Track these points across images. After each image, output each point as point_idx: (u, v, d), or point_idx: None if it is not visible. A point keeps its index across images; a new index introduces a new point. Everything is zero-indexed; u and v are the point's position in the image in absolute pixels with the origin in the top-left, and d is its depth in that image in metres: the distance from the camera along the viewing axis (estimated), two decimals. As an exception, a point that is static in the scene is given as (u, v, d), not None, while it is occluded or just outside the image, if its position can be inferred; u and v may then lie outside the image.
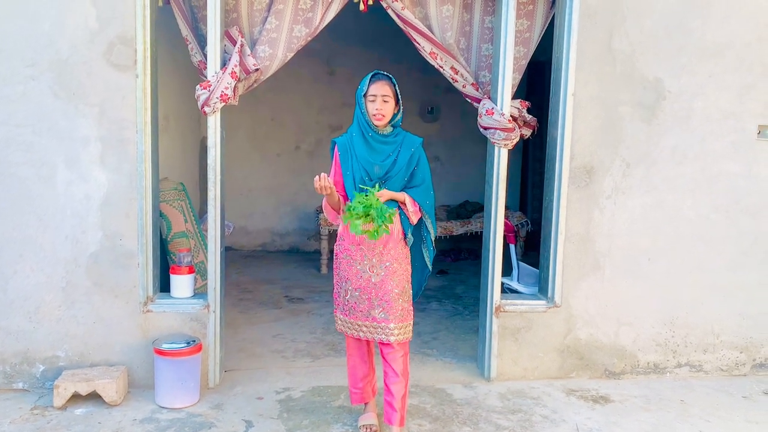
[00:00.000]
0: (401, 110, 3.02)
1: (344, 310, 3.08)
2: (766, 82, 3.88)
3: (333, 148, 3.09)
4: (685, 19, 3.78)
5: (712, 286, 4.00)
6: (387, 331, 2.97)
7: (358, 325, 3.04)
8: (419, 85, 7.38)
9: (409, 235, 3.05)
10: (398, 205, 2.99)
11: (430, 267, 3.21)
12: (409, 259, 3.09)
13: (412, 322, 3.06)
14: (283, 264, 7.15)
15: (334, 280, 3.13)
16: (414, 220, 3.01)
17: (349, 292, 3.04)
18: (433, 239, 3.15)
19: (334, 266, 3.12)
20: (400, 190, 3.00)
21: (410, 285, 3.08)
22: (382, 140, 2.98)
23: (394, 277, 2.97)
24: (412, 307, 3.08)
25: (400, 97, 2.98)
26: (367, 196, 2.80)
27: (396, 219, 2.95)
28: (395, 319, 2.96)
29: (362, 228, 2.75)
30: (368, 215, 2.75)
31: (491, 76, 3.80)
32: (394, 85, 2.95)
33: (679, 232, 3.93)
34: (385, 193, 2.92)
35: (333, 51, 7.48)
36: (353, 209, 2.77)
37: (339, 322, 3.13)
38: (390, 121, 2.99)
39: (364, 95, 2.93)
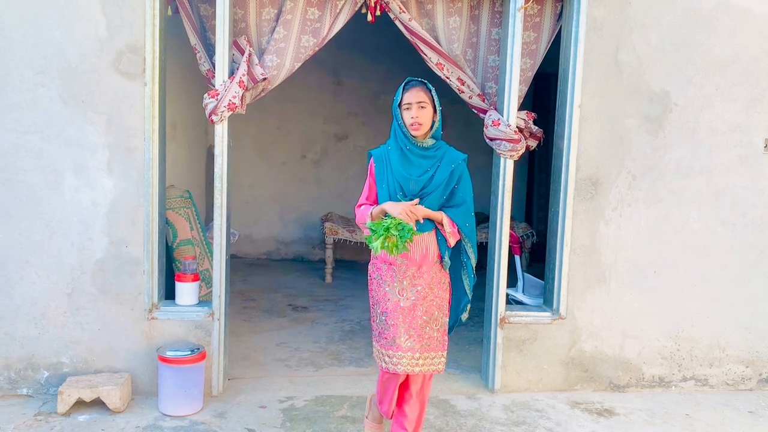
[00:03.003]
0: (440, 118, 2.81)
1: (376, 336, 2.85)
2: (772, 95, 3.88)
3: (369, 161, 2.90)
4: (692, 33, 3.78)
5: (717, 299, 3.98)
6: (413, 361, 2.75)
7: (382, 354, 2.80)
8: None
9: (446, 258, 2.83)
10: (435, 225, 2.80)
11: (469, 296, 2.97)
12: (446, 285, 2.87)
13: (444, 354, 2.83)
14: (288, 272, 7.15)
15: (370, 303, 2.92)
16: (452, 242, 2.81)
17: (377, 316, 2.82)
18: (473, 265, 2.92)
19: (369, 288, 2.93)
20: (437, 209, 2.79)
21: (445, 313, 2.86)
22: (420, 153, 2.77)
23: (423, 302, 2.77)
24: (446, 337, 2.86)
25: (438, 102, 2.79)
26: (387, 218, 2.65)
27: (433, 240, 2.80)
28: (421, 348, 2.76)
29: (381, 245, 2.58)
30: (388, 233, 2.58)
31: (497, 88, 3.81)
32: (430, 90, 2.78)
33: (685, 244, 3.92)
34: (421, 210, 2.71)
35: (340, 61, 7.52)
36: (373, 230, 2.63)
37: (375, 352, 2.89)
38: (431, 132, 2.80)
39: (399, 105, 2.76)
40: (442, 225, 2.78)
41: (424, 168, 2.78)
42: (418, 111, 2.71)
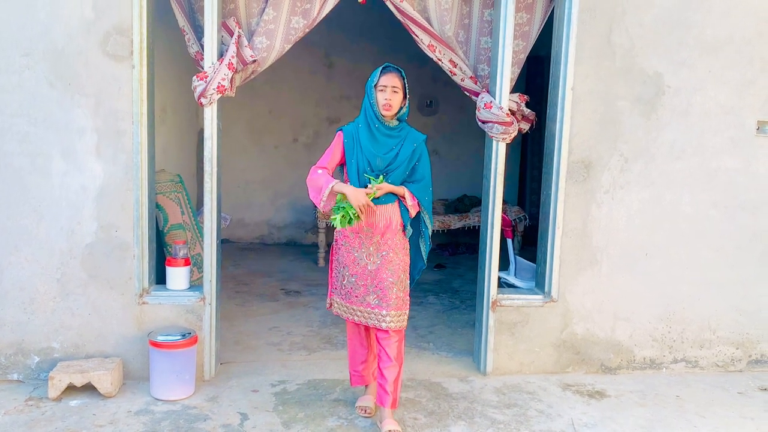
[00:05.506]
0: (408, 104, 3.10)
1: (341, 294, 3.19)
2: (765, 77, 3.87)
3: (337, 134, 3.15)
4: (686, 14, 3.76)
5: (709, 282, 3.99)
6: (380, 317, 3.06)
7: (353, 310, 3.14)
8: (417, 78, 7.34)
9: (408, 227, 3.15)
10: (398, 198, 3.09)
11: (425, 260, 3.31)
12: (407, 250, 3.18)
13: (407, 312, 3.15)
14: (280, 257, 7.13)
15: (332, 265, 3.24)
16: (413, 213, 3.11)
17: (346, 278, 3.15)
18: (429, 234, 3.26)
19: (332, 251, 3.23)
20: (400, 184, 3.09)
21: (407, 275, 3.17)
22: (386, 133, 3.06)
23: (389, 266, 3.07)
24: (408, 297, 3.17)
25: (408, 91, 3.07)
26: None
27: (396, 211, 3.08)
28: (388, 306, 3.05)
29: (341, 222, 2.98)
30: (345, 212, 2.96)
31: (490, 70, 3.78)
32: (404, 78, 3.05)
33: (677, 227, 3.93)
34: (385, 186, 3.01)
35: (331, 43, 7.45)
36: (335, 210, 3.00)
37: (335, 305, 3.25)
38: (397, 114, 3.08)
39: (375, 86, 3.03)
40: (404, 198, 3.08)
41: (389, 146, 3.08)
42: (391, 94, 3.00)
